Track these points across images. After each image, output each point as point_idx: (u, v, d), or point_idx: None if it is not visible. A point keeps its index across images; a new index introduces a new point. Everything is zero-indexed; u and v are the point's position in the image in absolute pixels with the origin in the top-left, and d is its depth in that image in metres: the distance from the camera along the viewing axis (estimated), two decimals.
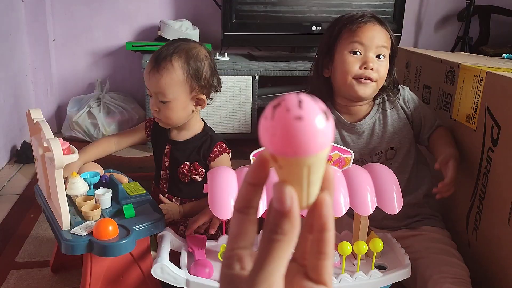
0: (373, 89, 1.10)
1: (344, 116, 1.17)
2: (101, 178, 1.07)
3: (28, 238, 1.28)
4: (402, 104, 1.17)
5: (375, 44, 1.08)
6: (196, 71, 1.11)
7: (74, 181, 1.00)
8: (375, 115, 1.16)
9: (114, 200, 1.00)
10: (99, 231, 0.85)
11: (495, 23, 2.60)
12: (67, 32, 2.35)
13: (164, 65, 1.09)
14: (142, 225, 0.91)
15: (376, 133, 1.15)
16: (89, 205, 0.95)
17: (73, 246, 0.85)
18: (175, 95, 1.10)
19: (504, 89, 0.99)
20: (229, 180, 0.85)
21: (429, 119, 1.18)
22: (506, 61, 1.41)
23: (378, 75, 1.09)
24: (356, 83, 1.09)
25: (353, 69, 1.08)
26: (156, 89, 1.10)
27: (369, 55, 1.08)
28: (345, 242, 0.85)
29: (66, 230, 0.88)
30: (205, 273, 0.86)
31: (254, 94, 2.10)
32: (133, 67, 2.44)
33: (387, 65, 1.12)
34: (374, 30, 1.09)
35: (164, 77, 1.09)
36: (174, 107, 1.11)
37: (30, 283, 1.08)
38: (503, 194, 0.98)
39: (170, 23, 2.23)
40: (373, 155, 1.16)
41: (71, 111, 2.24)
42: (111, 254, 0.85)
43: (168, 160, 1.19)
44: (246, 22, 2.20)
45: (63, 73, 2.41)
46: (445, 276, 0.93)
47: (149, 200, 1.02)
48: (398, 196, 0.88)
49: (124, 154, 2.07)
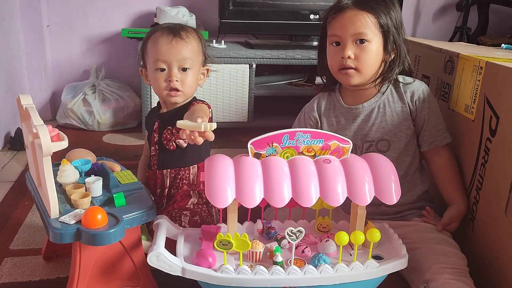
0: (358, 76, 1.09)
1: (346, 98, 1.18)
2: (92, 166, 1.05)
3: (22, 226, 1.27)
4: (409, 99, 1.13)
5: (350, 32, 1.07)
6: (203, 45, 1.20)
7: (64, 168, 0.98)
8: (376, 102, 1.14)
9: (105, 189, 0.98)
10: (88, 220, 0.84)
11: (494, 13, 2.59)
12: (61, 18, 2.32)
13: (185, 34, 1.15)
14: (132, 214, 0.90)
15: (372, 120, 1.14)
16: (78, 193, 0.93)
17: (61, 234, 0.83)
18: (194, 63, 1.16)
19: (504, 80, 0.98)
20: (226, 169, 0.84)
21: (433, 129, 1.13)
22: (505, 51, 1.41)
23: (359, 61, 1.08)
24: (340, 74, 1.12)
25: (335, 61, 1.11)
26: (180, 56, 1.14)
27: (347, 44, 1.08)
28: (342, 232, 0.85)
29: (54, 218, 0.87)
30: (207, 263, 0.86)
31: (251, 83, 2.09)
32: (129, 54, 2.41)
33: (374, 49, 1.08)
34: (349, 17, 1.08)
35: (190, 44, 1.15)
36: (192, 75, 1.17)
37: (24, 270, 1.07)
38: (500, 185, 0.97)
39: (167, 10, 2.20)
40: (364, 142, 1.15)
41: (65, 98, 2.22)
42: (99, 243, 0.83)
43: (157, 134, 1.20)
44: (244, 10, 2.17)
45: (57, 60, 2.38)
46: (443, 266, 0.93)
47: (140, 189, 1.00)
48: (396, 187, 0.87)
49: (120, 142, 2.06)
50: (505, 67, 0.99)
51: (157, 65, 1.14)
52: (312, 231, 1.01)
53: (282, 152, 0.88)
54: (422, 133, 1.14)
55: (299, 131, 0.87)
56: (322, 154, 0.90)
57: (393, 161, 1.11)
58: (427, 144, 1.14)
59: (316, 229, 1.03)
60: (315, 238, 0.97)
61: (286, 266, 0.86)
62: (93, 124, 2.19)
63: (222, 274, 0.84)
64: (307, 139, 0.88)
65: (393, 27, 1.09)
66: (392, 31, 1.09)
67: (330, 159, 0.89)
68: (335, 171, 0.86)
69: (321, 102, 1.22)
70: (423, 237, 1.04)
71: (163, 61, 1.14)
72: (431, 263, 0.95)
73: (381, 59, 1.11)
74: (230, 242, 0.83)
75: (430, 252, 0.98)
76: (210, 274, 0.84)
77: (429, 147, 1.14)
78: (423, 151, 1.16)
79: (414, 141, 1.15)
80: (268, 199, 0.83)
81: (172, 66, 1.14)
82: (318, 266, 0.86)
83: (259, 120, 2.17)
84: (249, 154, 0.87)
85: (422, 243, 1.02)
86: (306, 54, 2.10)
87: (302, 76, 2.37)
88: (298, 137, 0.87)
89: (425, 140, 1.14)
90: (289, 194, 0.83)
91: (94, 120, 2.18)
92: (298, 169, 0.85)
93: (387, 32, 1.08)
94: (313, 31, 2.26)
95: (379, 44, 1.09)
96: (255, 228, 1.01)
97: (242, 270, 0.84)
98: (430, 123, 1.13)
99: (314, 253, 0.91)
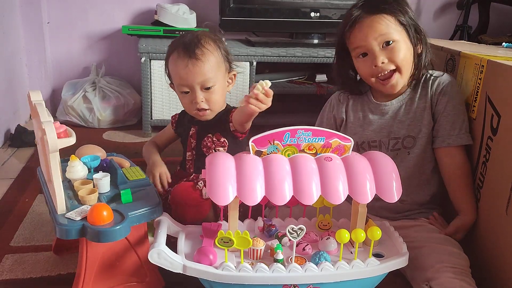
0: (400, 78, 1.08)
1: (376, 94, 1.17)
2: (101, 162, 1.05)
3: (23, 223, 1.27)
4: (434, 91, 1.10)
5: (373, 38, 1.06)
6: (225, 50, 1.17)
7: (73, 164, 0.99)
8: (404, 99, 1.13)
9: (113, 185, 0.99)
10: (93, 216, 0.84)
11: (495, 12, 2.58)
12: (61, 15, 2.32)
13: (201, 52, 1.12)
14: (138, 211, 0.90)
15: (400, 117, 1.13)
16: (86, 189, 0.94)
17: (67, 230, 0.84)
18: (218, 77, 1.14)
19: (505, 78, 0.98)
20: (227, 166, 0.84)
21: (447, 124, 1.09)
22: (506, 50, 1.40)
23: (395, 62, 1.06)
24: (379, 84, 1.10)
25: (368, 71, 1.09)
26: (201, 78, 1.12)
27: (375, 52, 1.06)
28: (343, 230, 0.85)
29: (61, 214, 0.87)
30: (208, 260, 0.86)
31: (251, 80, 2.08)
32: (129, 51, 2.41)
33: (404, 45, 1.06)
34: (367, 25, 1.06)
35: (207, 62, 1.12)
36: (218, 90, 1.15)
37: (25, 267, 1.07)
38: (501, 184, 0.97)
39: (167, 7, 2.20)
40: (390, 139, 1.14)
41: (66, 95, 2.21)
42: (104, 240, 0.84)
43: (195, 140, 1.21)
44: (244, 7, 2.17)
45: (57, 57, 2.38)
46: (445, 265, 0.93)
47: (148, 185, 1.01)
48: (397, 185, 0.87)
49: (120, 140, 2.05)
50: (506, 66, 0.99)
51: (180, 88, 1.15)
52: (313, 229, 1.02)
53: (283, 150, 0.88)
54: (436, 127, 1.11)
55: (300, 128, 0.87)
56: (323, 152, 0.90)
57: (416, 158, 1.11)
58: (439, 141, 1.10)
59: (317, 227, 1.03)
60: (316, 236, 0.98)
61: (287, 263, 0.87)
62: (93, 121, 2.18)
63: (223, 272, 0.84)
64: (309, 137, 0.88)
65: (410, 19, 1.08)
66: (411, 23, 1.07)
67: (332, 157, 0.89)
68: (336, 169, 0.86)
69: (349, 99, 1.20)
70: (426, 237, 1.04)
71: (185, 85, 1.14)
72: (434, 262, 0.95)
73: (412, 53, 1.09)
74: (231, 240, 0.83)
75: (433, 251, 0.98)
76: (211, 272, 0.84)
77: (441, 144, 1.10)
78: (435, 147, 1.12)
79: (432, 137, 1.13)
80: (269, 197, 0.83)
81: (195, 89, 1.14)
82: (319, 264, 0.86)
83: (259, 117, 2.14)
84: (251, 152, 0.87)
85: (425, 242, 1.02)
86: (307, 51, 2.10)
87: (303, 74, 2.37)
88: (299, 135, 0.87)
89: (438, 136, 1.10)
90: (290, 192, 0.83)
91: (94, 117, 2.17)
92: (299, 167, 0.85)
93: (408, 27, 1.07)
94: (313, 29, 2.26)
95: (406, 39, 1.07)
96: (256, 225, 1.01)
97: (243, 268, 0.84)
98: (446, 117, 1.09)
99: (315, 251, 0.91)
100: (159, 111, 2.06)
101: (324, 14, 2.23)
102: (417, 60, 1.10)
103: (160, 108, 2.06)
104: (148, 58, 1.98)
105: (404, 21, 1.07)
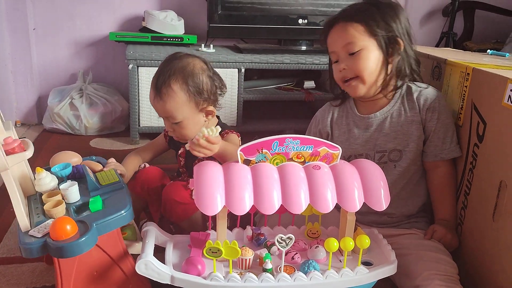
0: (361, 85, 1.09)
1: (360, 107, 1.17)
2: (73, 169, 1.00)
3: (7, 233, 1.25)
4: (422, 107, 1.10)
5: (339, 46, 1.09)
6: (196, 88, 1.15)
7: (40, 176, 0.93)
8: (389, 111, 1.13)
9: (85, 192, 0.94)
10: (55, 231, 0.80)
11: (479, 19, 2.62)
12: (48, 21, 2.29)
13: (165, 91, 1.13)
14: (105, 219, 0.86)
15: (385, 130, 1.12)
16: (51, 202, 0.89)
17: (29, 249, 0.79)
18: (184, 115, 1.15)
19: (490, 86, 0.99)
20: (215, 175, 0.84)
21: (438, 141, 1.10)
22: (491, 57, 1.42)
23: (355, 70, 1.07)
24: (345, 87, 1.13)
25: (337, 76, 1.13)
26: (164, 114, 1.17)
27: (340, 57, 1.10)
28: (332, 239, 0.85)
29: (25, 232, 0.83)
30: (196, 270, 0.85)
31: (240, 87, 2.08)
32: (117, 58, 2.39)
33: (371, 55, 1.06)
34: (336, 32, 1.10)
35: (168, 102, 1.13)
36: (186, 125, 1.17)
37: (9, 279, 1.05)
38: (488, 190, 0.98)
39: (155, 14, 2.19)
40: (375, 152, 1.14)
41: (52, 102, 2.19)
42: (68, 255, 0.80)
43: (183, 159, 1.25)
44: (232, 14, 2.17)
45: (44, 63, 2.35)
46: (434, 272, 0.93)
47: (120, 189, 0.96)
48: (385, 193, 0.87)
49: (108, 147, 2.04)
50: (492, 74, 1.00)
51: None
52: (302, 237, 1.01)
53: (272, 159, 0.88)
54: (428, 144, 1.12)
55: (288, 137, 0.87)
56: (311, 161, 0.90)
57: (403, 171, 1.11)
58: (432, 156, 1.11)
59: (305, 235, 1.02)
60: (305, 245, 0.97)
61: (276, 273, 0.86)
62: (80, 128, 2.16)
63: (212, 282, 0.83)
64: (297, 145, 0.88)
65: (385, 30, 1.07)
66: (384, 34, 1.07)
67: (320, 165, 0.89)
68: (325, 177, 0.86)
69: (334, 110, 1.21)
70: (415, 244, 1.04)
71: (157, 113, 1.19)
72: (422, 270, 0.95)
73: (381, 64, 1.08)
74: (219, 250, 0.82)
75: (421, 259, 0.98)
76: (199, 282, 0.83)
77: (434, 159, 1.11)
78: (426, 161, 1.13)
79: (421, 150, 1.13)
80: (258, 206, 0.82)
81: (164, 120, 1.18)
82: (308, 273, 0.86)
83: (248, 124, 2.17)
84: (239, 161, 0.87)
85: (413, 250, 1.02)
86: (295, 58, 2.11)
87: (291, 80, 2.37)
88: (287, 143, 0.87)
89: (430, 151, 1.12)
90: (279, 201, 0.83)
91: (81, 124, 2.15)
92: (288, 176, 0.85)
93: (380, 37, 1.06)
94: (301, 36, 2.27)
95: (375, 49, 1.07)
96: (244, 234, 1.01)
97: (231, 278, 0.83)
98: (437, 134, 1.10)
99: (304, 260, 0.91)
100: (147, 118, 2.05)
101: (312, 21, 2.24)
102: (388, 72, 1.09)
103: (148, 115, 2.05)
104: (136, 65, 1.97)
105: (377, 31, 1.06)
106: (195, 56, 1.21)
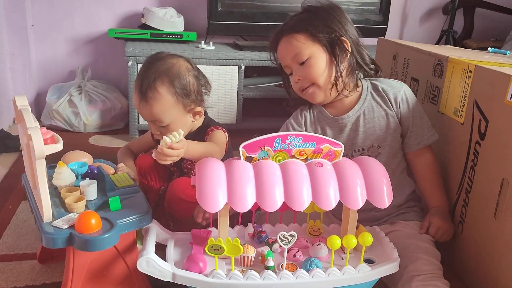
0: (318, 90, 1.10)
1: (330, 110, 1.16)
2: (88, 168, 1.03)
3: (6, 230, 1.24)
4: (393, 101, 1.13)
5: (288, 60, 1.10)
6: (183, 89, 1.13)
7: (60, 171, 0.96)
8: (360, 109, 1.13)
9: (102, 192, 0.97)
10: (81, 225, 0.82)
11: (479, 17, 2.62)
12: (46, 18, 2.28)
13: (151, 95, 1.10)
14: (127, 218, 0.88)
15: (360, 128, 1.13)
16: (73, 197, 0.92)
17: (54, 239, 0.82)
18: (171, 118, 1.13)
19: (492, 83, 0.99)
20: (217, 172, 0.83)
21: (418, 129, 1.13)
22: (492, 55, 1.42)
23: (308, 78, 1.09)
24: (305, 96, 1.14)
25: (294, 87, 1.14)
26: (150, 118, 1.14)
27: (293, 70, 1.11)
28: (335, 236, 0.84)
29: (47, 222, 0.85)
30: (198, 268, 0.85)
31: (239, 84, 2.08)
32: (116, 55, 2.38)
33: (319, 60, 1.08)
34: (282, 47, 1.12)
35: (155, 106, 1.10)
36: (174, 127, 1.12)
37: (9, 276, 1.05)
38: (489, 188, 0.98)
39: (154, 10, 2.18)
40: (353, 151, 1.14)
41: (51, 99, 2.18)
42: (92, 249, 0.82)
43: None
44: (232, 11, 2.16)
45: (42, 60, 2.34)
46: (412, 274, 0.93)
47: (137, 192, 0.99)
48: (388, 190, 0.87)
49: (107, 144, 2.03)
50: (494, 71, 1.00)
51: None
52: (304, 235, 1.01)
53: (274, 156, 0.87)
54: (409, 135, 1.13)
55: (291, 134, 0.87)
56: (314, 158, 0.89)
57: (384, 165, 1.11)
58: (415, 145, 1.13)
59: (307, 233, 1.02)
60: (307, 242, 0.97)
61: (278, 270, 0.86)
62: (79, 125, 2.15)
63: (213, 279, 0.82)
64: (299, 143, 0.87)
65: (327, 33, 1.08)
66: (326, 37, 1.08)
67: (322, 162, 0.88)
68: (327, 174, 0.86)
69: (306, 115, 1.19)
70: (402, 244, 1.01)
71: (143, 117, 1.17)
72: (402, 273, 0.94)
73: (332, 66, 1.09)
74: (221, 247, 0.82)
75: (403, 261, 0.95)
76: (201, 280, 0.83)
77: (417, 147, 1.13)
78: (410, 151, 1.15)
79: (401, 142, 1.15)
80: (260, 203, 0.82)
81: (150, 124, 1.16)
82: (310, 271, 0.85)
83: (247, 121, 2.17)
84: (241, 158, 0.86)
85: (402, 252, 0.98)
86: None
87: None
88: (290, 141, 0.87)
89: (412, 141, 1.13)
90: (281, 198, 0.82)
91: (80, 121, 2.14)
92: (290, 173, 0.85)
93: (322, 40, 1.08)
94: None
95: (322, 53, 1.08)
96: (246, 232, 1.00)
97: (233, 275, 0.83)
98: (415, 123, 1.13)
99: (306, 257, 0.90)
100: None
101: None
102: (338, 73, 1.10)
103: None
104: (135, 62, 1.96)
105: (319, 36, 1.07)
106: (178, 55, 1.18)
